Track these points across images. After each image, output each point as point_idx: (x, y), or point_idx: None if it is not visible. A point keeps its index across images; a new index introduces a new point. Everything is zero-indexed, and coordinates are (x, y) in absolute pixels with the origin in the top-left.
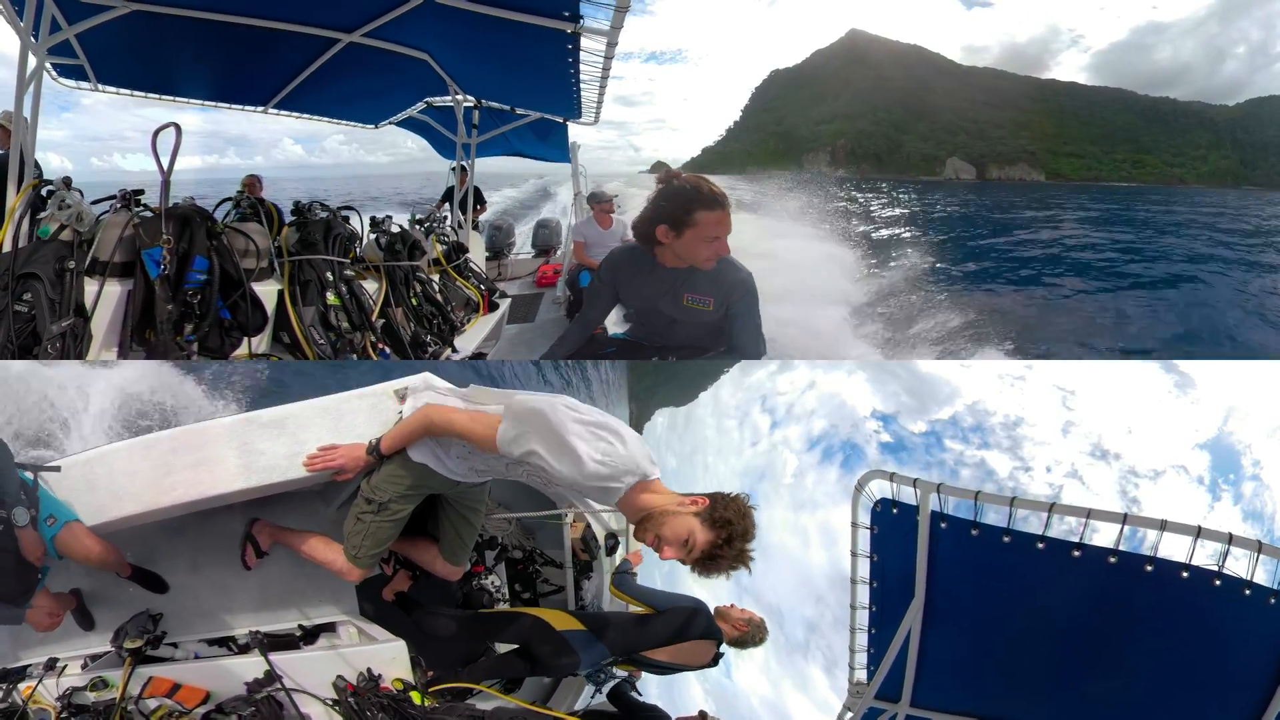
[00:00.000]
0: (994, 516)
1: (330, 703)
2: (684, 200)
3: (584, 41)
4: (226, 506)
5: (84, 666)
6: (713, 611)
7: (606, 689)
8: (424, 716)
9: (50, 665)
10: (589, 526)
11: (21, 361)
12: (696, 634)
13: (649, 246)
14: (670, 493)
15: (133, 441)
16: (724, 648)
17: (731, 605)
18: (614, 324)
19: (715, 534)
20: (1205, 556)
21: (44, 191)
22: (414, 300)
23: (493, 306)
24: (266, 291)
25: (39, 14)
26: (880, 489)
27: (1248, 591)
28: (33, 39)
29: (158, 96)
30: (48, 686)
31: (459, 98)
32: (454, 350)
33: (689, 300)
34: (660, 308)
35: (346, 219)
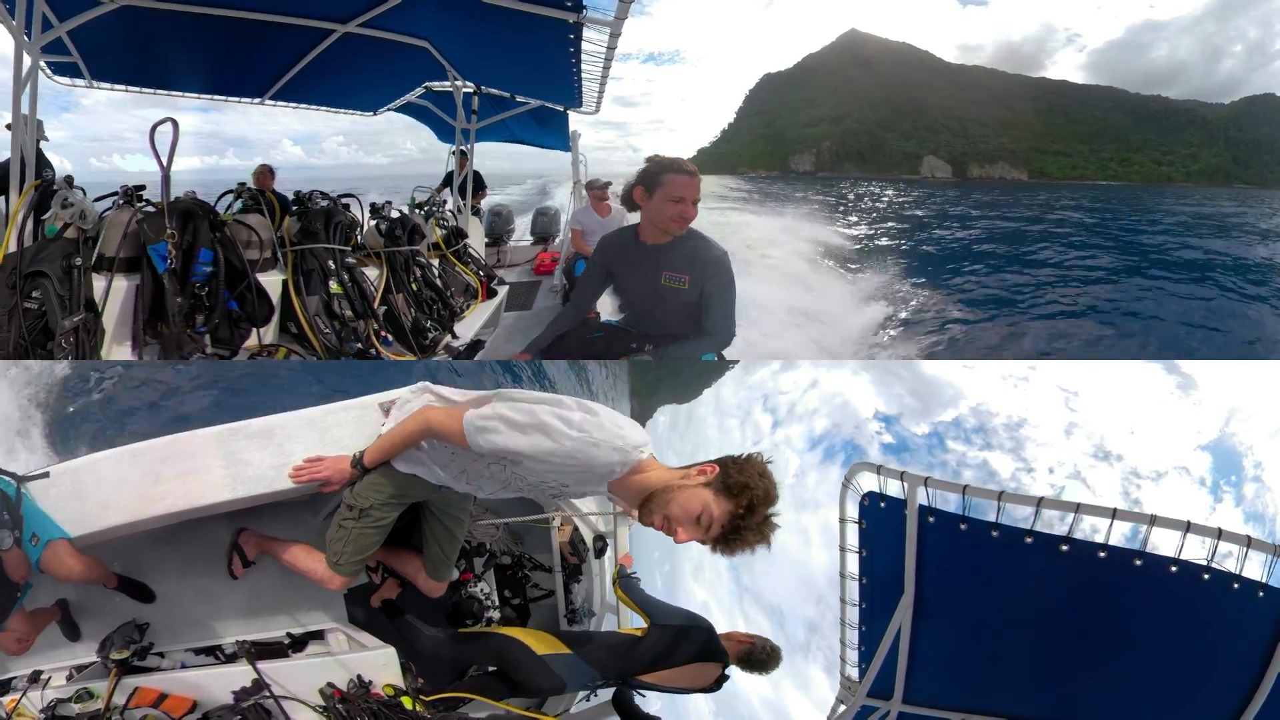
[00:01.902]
0: (990, 514)
1: (319, 710)
2: (658, 166)
3: (586, 32)
4: (213, 516)
5: (69, 678)
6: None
7: (605, 692)
8: None
9: (34, 678)
10: (577, 529)
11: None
12: (699, 656)
13: (633, 230)
14: (668, 468)
15: (121, 450)
16: (730, 670)
17: (732, 632)
18: (610, 313)
19: (734, 503)
20: (1202, 552)
21: (52, 189)
22: (414, 285)
23: (491, 293)
24: (271, 282)
25: (30, 12)
26: (870, 483)
27: (1236, 585)
28: (26, 38)
29: (152, 91)
30: (32, 699)
31: (458, 83)
32: (454, 336)
33: (666, 279)
34: (643, 288)
35: (347, 207)
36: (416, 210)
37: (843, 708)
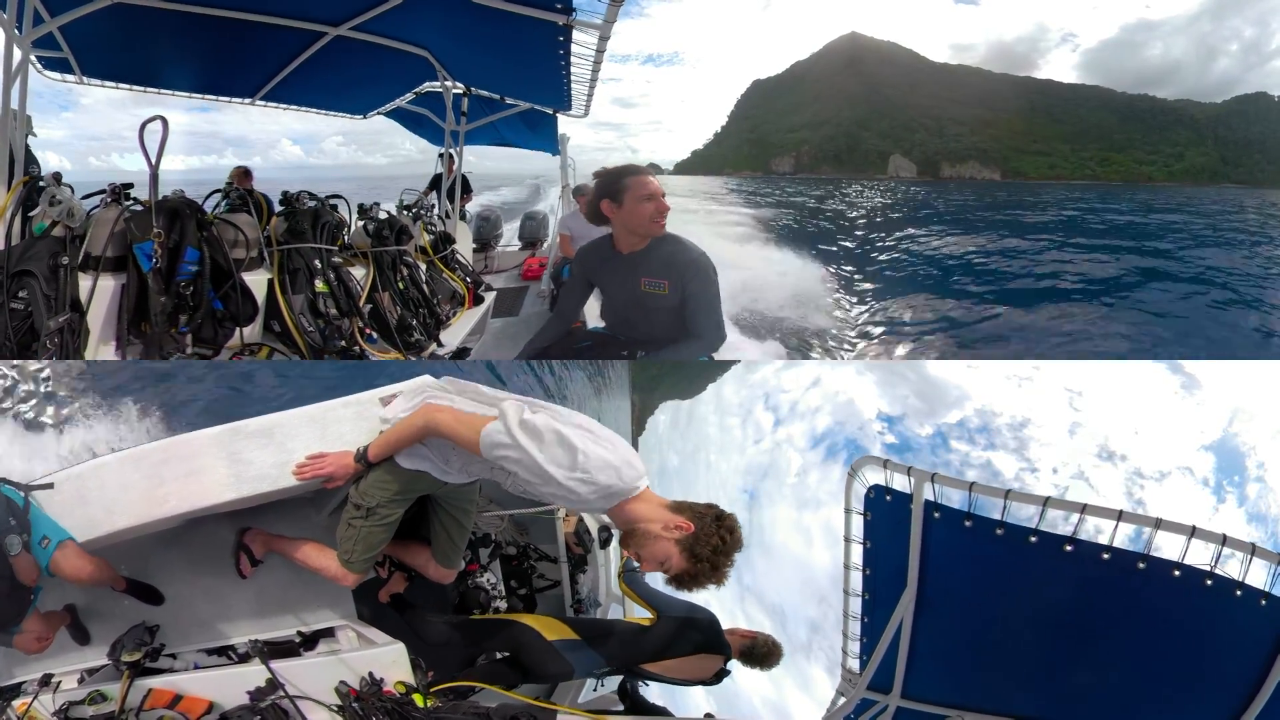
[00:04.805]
0: (996, 512)
1: (335, 709)
2: (614, 175)
3: (576, 34)
4: (218, 516)
5: (80, 681)
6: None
7: (611, 682)
8: (428, 718)
9: (45, 681)
10: (582, 520)
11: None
12: (702, 648)
13: (609, 239)
14: (658, 504)
15: (123, 454)
16: (731, 664)
17: (734, 628)
18: (595, 321)
19: (690, 565)
20: (1208, 557)
21: (38, 184)
22: (400, 285)
23: (478, 300)
24: (256, 281)
25: (21, 6)
26: (875, 477)
27: (1239, 592)
28: (17, 31)
29: (143, 89)
30: (44, 702)
31: (448, 84)
32: (439, 345)
33: (646, 285)
34: (624, 297)
35: (334, 208)
36: (404, 212)
37: (842, 700)
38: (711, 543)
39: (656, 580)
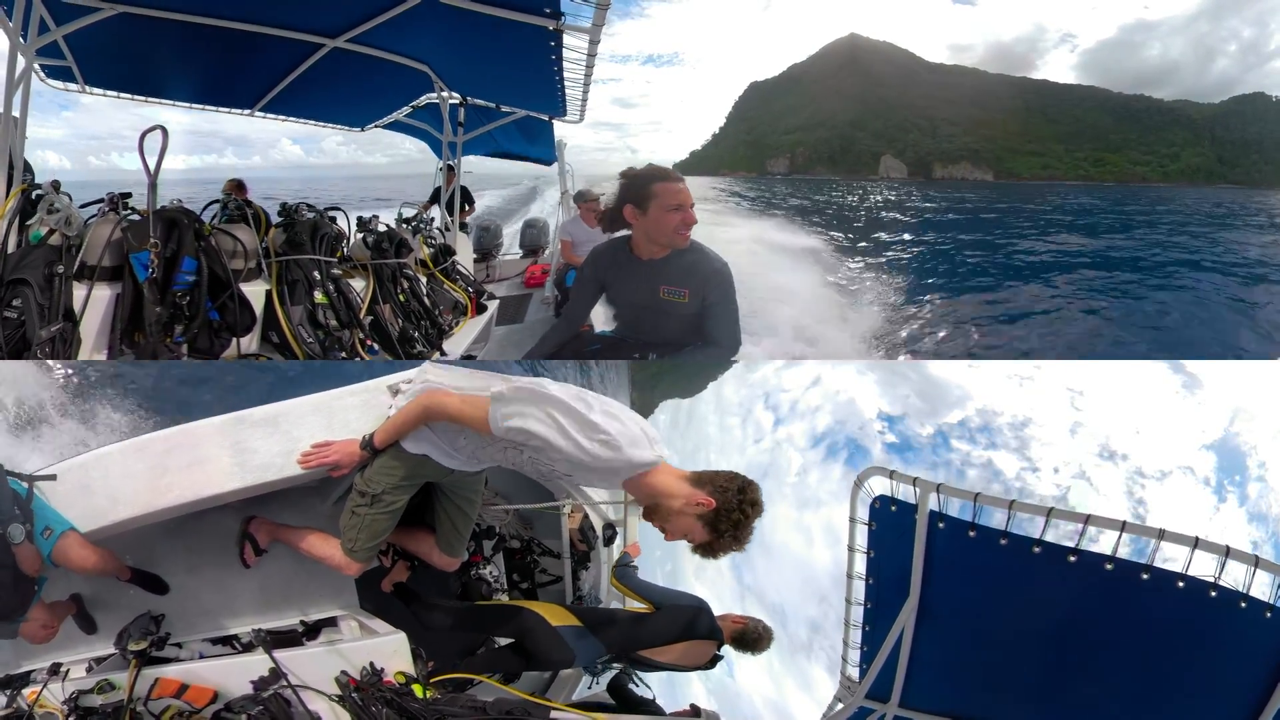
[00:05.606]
0: (1000, 519)
1: (336, 699)
2: (642, 179)
3: (567, 39)
4: (223, 505)
5: (88, 670)
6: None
7: (605, 679)
8: (426, 709)
9: (54, 670)
10: (587, 517)
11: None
12: (697, 634)
13: (625, 242)
14: (676, 476)
15: (126, 444)
16: (724, 650)
17: (727, 614)
18: (604, 322)
19: (712, 538)
20: (1211, 567)
21: (33, 195)
22: (401, 297)
23: (481, 309)
24: (254, 292)
25: (27, 14)
26: (881, 486)
27: (1244, 604)
28: (21, 39)
29: (144, 98)
30: (53, 691)
31: (444, 95)
32: (442, 354)
33: (665, 293)
34: (640, 302)
35: (334, 219)
36: (404, 225)
37: (840, 706)
38: (733, 517)
39: (653, 575)
